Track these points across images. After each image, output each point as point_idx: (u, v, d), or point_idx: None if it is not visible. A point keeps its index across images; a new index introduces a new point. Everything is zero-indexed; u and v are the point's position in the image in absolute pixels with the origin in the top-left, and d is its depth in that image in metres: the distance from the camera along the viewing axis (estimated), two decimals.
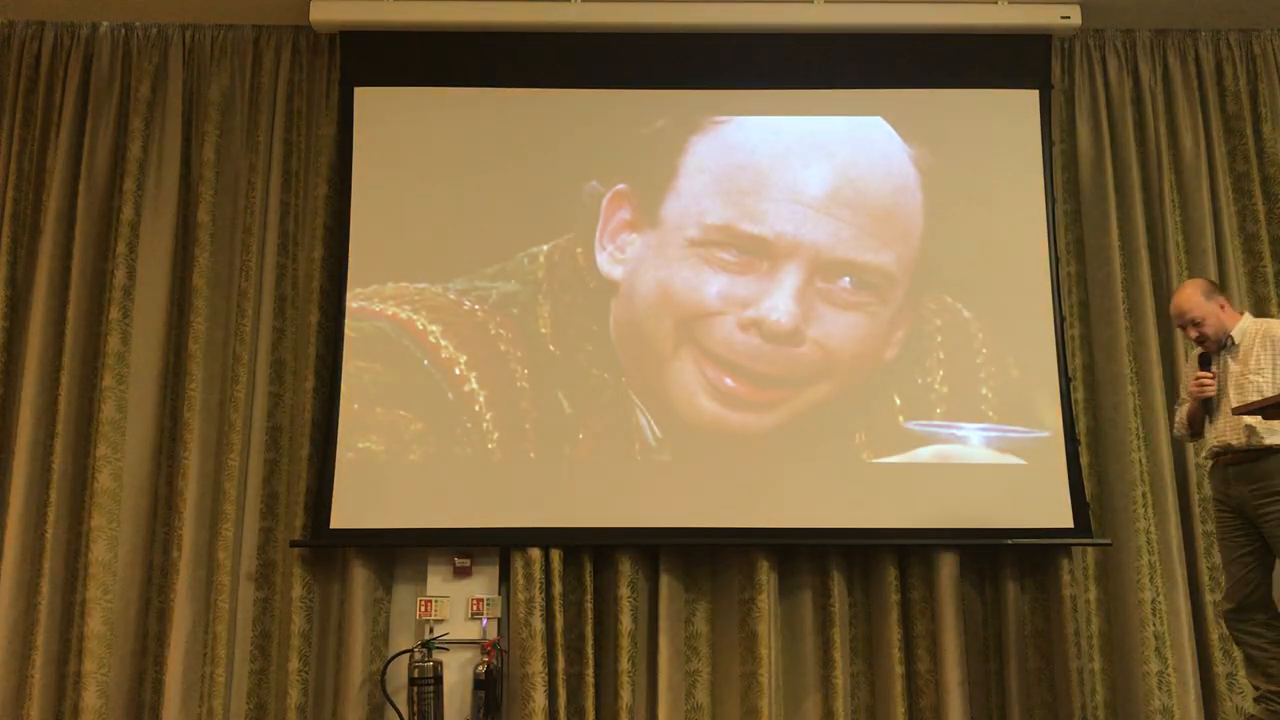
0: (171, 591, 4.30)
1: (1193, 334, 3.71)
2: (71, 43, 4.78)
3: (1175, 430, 3.96)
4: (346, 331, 4.47)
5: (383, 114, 4.66)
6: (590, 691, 4.25)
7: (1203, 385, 3.67)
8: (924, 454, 4.42)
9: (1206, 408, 3.72)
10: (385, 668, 4.27)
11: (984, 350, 4.51)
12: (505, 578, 4.36)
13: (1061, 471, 4.38)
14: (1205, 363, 3.70)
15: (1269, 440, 3.51)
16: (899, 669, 4.26)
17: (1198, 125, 4.81)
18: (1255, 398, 3.51)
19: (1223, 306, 3.69)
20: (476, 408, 4.43)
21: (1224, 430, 3.63)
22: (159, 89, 4.75)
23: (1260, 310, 4.64)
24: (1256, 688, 3.66)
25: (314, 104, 4.78)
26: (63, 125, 4.67)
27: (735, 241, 4.54)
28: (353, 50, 4.71)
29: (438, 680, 4.16)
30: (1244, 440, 3.55)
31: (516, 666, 4.23)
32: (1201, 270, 4.65)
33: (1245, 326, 3.67)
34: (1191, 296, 3.70)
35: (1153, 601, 4.32)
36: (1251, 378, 3.58)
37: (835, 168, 4.62)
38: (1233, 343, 3.66)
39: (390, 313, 4.50)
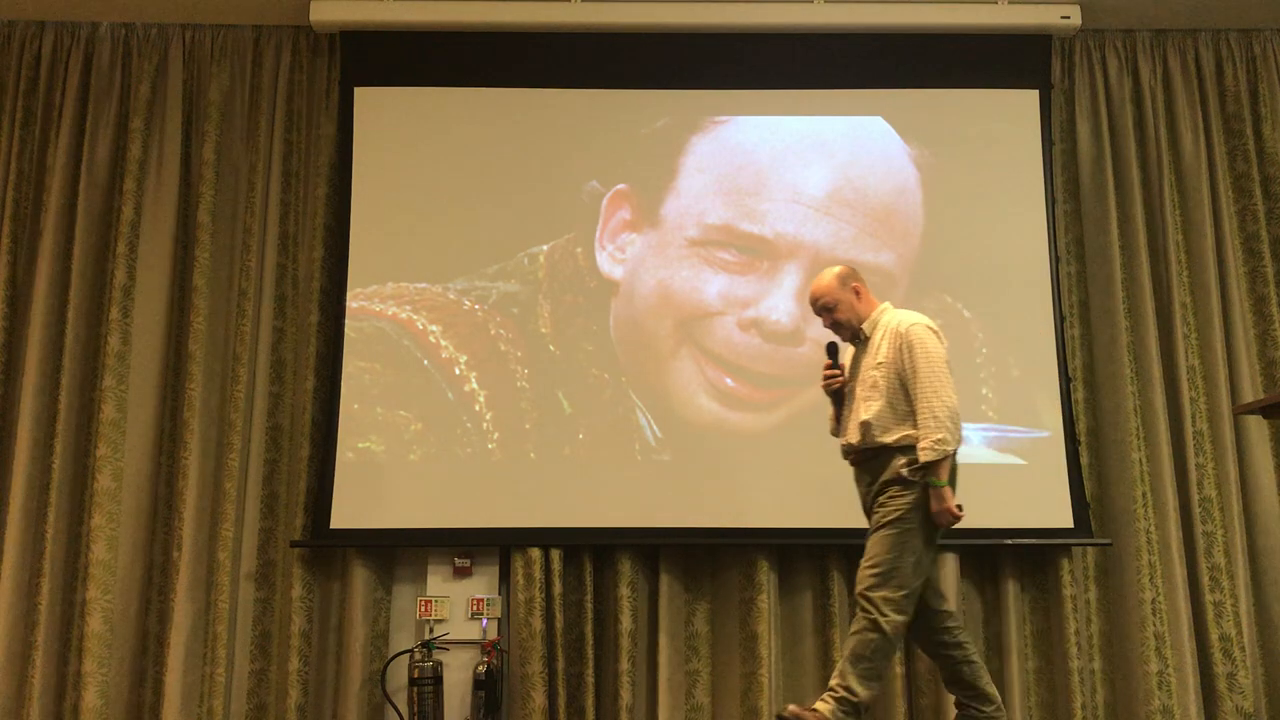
0: (171, 591, 4.30)
1: (826, 321, 3.54)
2: (71, 43, 4.77)
3: (830, 428, 3.69)
4: (346, 331, 4.47)
5: (383, 114, 4.66)
6: (590, 691, 4.25)
7: (826, 378, 3.54)
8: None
9: (836, 401, 3.57)
10: (385, 668, 4.27)
11: (984, 350, 4.51)
12: (505, 578, 4.36)
13: (1061, 471, 4.38)
14: (832, 353, 3.56)
15: (881, 439, 3.35)
16: (899, 669, 4.26)
17: (1198, 125, 4.81)
18: (873, 392, 3.37)
19: (858, 293, 3.51)
20: (476, 408, 4.43)
21: (849, 427, 3.47)
22: (159, 89, 4.75)
23: (1261, 311, 4.65)
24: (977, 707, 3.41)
25: (314, 104, 4.78)
26: (63, 125, 4.67)
27: (735, 241, 4.54)
28: (353, 50, 4.70)
29: (438, 680, 4.16)
30: (859, 438, 3.40)
31: (516, 666, 4.23)
32: (1201, 270, 4.66)
33: (876, 317, 3.49)
34: (825, 282, 3.51)
35: (1153, 601, 4.32)
36: (870, 373, 3.40)
37: (835, 168, 4.62)
38: (864, 334, 3.49)
39: (390, 313, 4.50)
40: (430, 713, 4.12)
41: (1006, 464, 4.41)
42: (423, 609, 4.29)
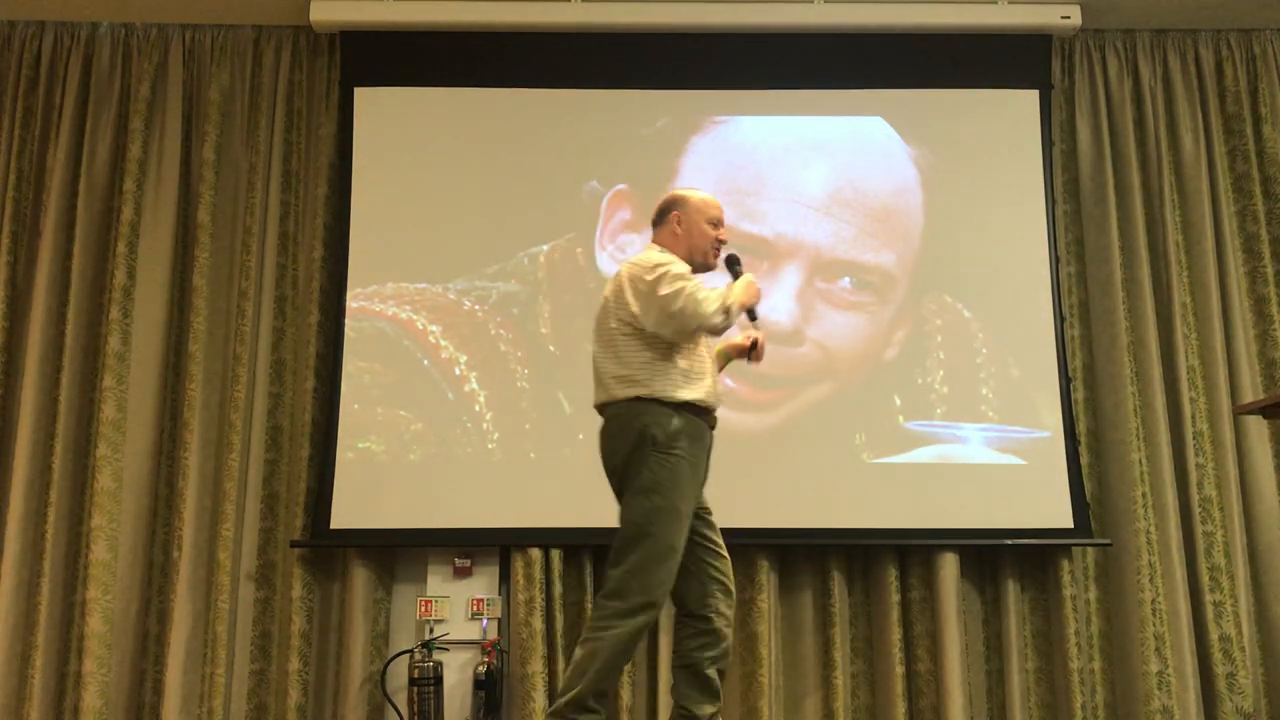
0: (171, 591, 4.30)
1: (722, 236, 3.23)
2: (71, 43, 4.77)
3: (714, 316, 3.02)
4: (346, 331, 4.47)
5: (383, 114, 4.66)
6: None
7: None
8: (924, 454, 4.42)
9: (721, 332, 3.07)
10: (385, 668, 4.27)
11: (984, 350, 4.51)
12: (505, 578, 4.36)
13: (1061, 471, 4.38)
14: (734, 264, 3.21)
15: None
16: (899, 669, 4.26)
17: (1198, 125, 4.81)
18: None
19: None
20: (476, 408, 4.42)
21: (716, 386, 3.17)
22: (159, 89, 4.75)
23: (1261, 311, 4.65)
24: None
25: (314, 104, 4.78)
26: (63, 125, 4.67)
27: (735, 242, 4.52)
28: (353, 50, 4.70)
29: (438, 680, 4.16)
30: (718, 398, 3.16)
31: (516, 666, 4.22)
32: (1201, 270, 4.66)
33: None
34: None
35: (1153, 601, 4.32)
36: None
37: (835, 168, 4.62)
38: None
39: (390, 313, 4.50)
40: (430, 713, 4.12)
41: (1006, 464, 4.41)
42: (423, 609, 4.29)
